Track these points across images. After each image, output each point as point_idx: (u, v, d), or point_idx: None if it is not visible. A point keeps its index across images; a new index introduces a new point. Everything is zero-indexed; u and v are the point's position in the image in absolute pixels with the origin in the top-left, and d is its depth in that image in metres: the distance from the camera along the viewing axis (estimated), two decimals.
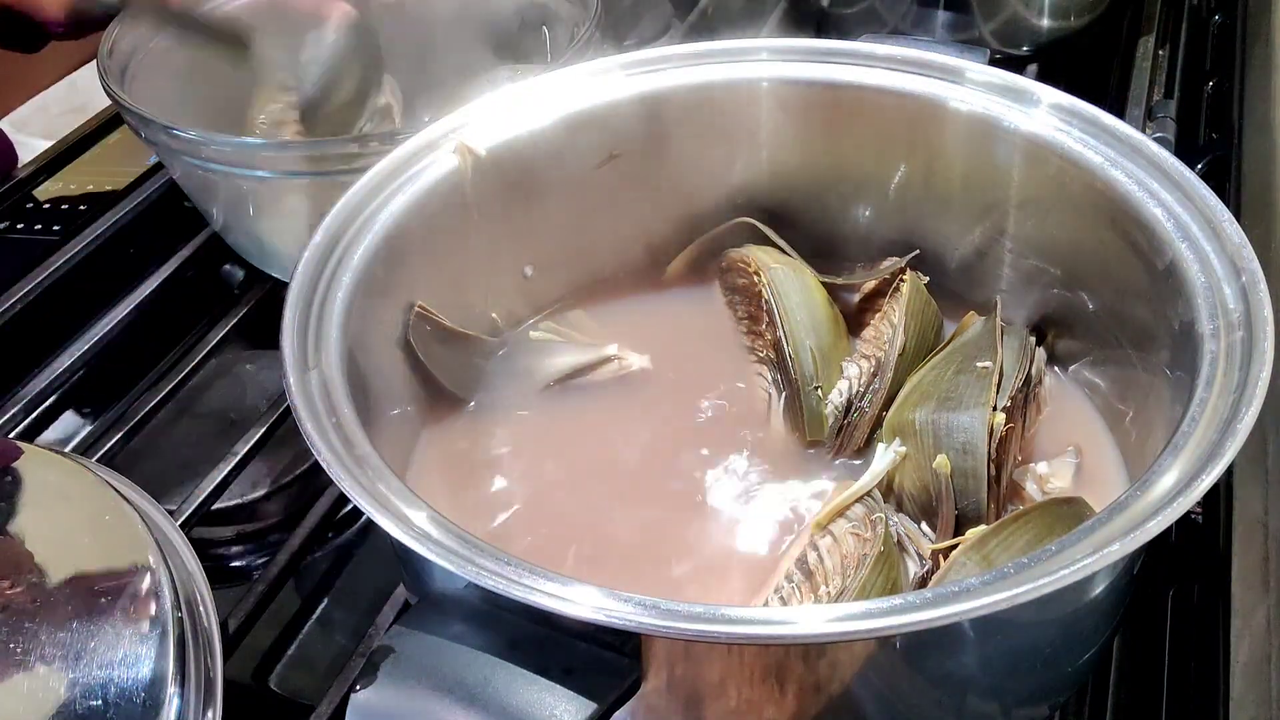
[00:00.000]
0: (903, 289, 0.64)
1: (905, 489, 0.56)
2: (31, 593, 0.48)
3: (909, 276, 0.65)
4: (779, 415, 0.62)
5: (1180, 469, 0.43)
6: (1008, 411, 0.56)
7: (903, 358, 0.61)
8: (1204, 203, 0.53)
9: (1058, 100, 0.60)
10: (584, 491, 0.60)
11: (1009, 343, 0.61)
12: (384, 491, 0.45)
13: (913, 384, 0.59)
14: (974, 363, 0.59)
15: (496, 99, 0.64)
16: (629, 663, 0.42)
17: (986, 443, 0.54)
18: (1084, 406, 0.62)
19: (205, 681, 0.47)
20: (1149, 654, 0.59)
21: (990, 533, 0.50)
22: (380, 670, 0.42)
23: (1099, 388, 0.62)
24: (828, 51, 0.65)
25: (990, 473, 0.54)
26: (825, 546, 0.52)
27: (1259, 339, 0.47)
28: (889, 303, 0.65)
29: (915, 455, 0.56)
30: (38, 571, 0.49)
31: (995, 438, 0.54)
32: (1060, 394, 0.63)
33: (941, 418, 0.56)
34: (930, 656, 0.45)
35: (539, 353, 0.66)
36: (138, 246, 0.86)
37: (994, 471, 0.54)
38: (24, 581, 0.49)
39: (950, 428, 0.55)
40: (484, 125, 0.63)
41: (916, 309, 0.63)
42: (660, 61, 0.66)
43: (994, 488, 0.54)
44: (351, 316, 0.54)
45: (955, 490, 0.54)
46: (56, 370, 0.75)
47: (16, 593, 0.48)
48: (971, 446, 0.54)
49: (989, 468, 0.54)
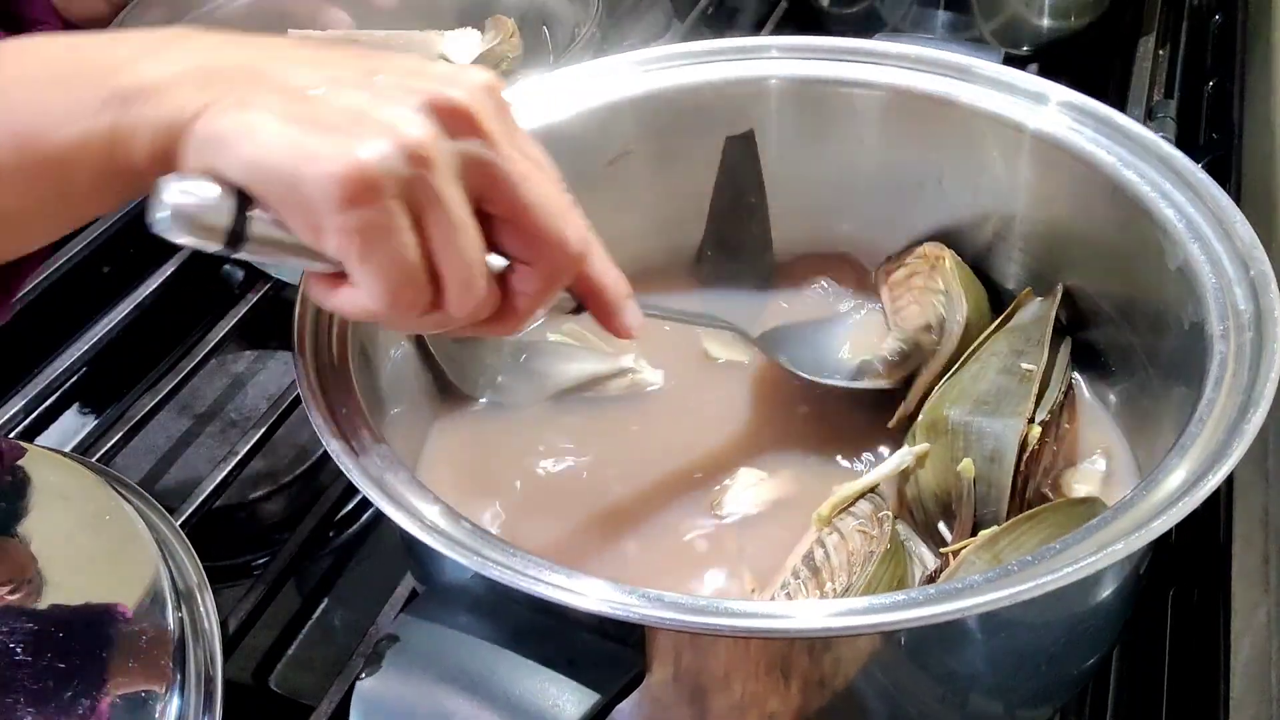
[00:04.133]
0: (945, 262, 0.64)
1: (929, 486, 0.55)
2: (31, 593, 0.48)
3: (947, 253, 0.65)
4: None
5: (1187, 469, 0.43)
6: (1044, 425, 0.55)
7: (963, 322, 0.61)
8: (1216, 203, 0.53)
9: (1069, 99, 0.60)
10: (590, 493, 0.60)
11: (1057, 343, 0.60)
12: (392, 482, 0.45)
13: (954, 377, 0.59)
14: (1019, 361, 0.58)
15: (512, 93, 0.64)
16: (633, 655, 0.42)
17: (1015, 454, 0.53)
18: (1096, 407, 0.62)
19: (205, 681, 0.47)
20: (1149, 653, 0.59)
21: (1002, 532, 0.50)
22: (385, 659, 0.42)
23: (1110, 388, 0.62)
24: (837, 49, 0.65)
25: (1015, 485, 0.53)
26: (832, 543, 0.52)
27: (1269, 340, 0.47)
28: (926, 279, 0.65)
29: (944, 453, 0.55)
30: (38, 572, 0.49)
31: (1027, 451, 0.54)
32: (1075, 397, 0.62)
33: (975, 421, 0.55)
34: (934, 653, 0.45)
35: (555, 356, 0.65)
36: (138, 247, 0.86)
37: (1019, 484, 0.53)
38: (24, 581, 0.49)
39: (982, 433, 0.54)
40: None
41: (966, 279, 0.63)
42: (671, 59, 0.66)
43: (1015, 500, 0.53)
44: None
45: (976, 496, 0.53)
46: (56, 370, 0.75)
47: (16, 593, 0.48)
48: (1000, 455, 0.54)
49: (1014, 480, 0.53)
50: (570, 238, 0.43)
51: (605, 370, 0.65)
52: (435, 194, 0.39)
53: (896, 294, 0.67)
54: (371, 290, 0.40)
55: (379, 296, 0.40)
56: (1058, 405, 0.57)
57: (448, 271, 0.41)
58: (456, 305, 0.42)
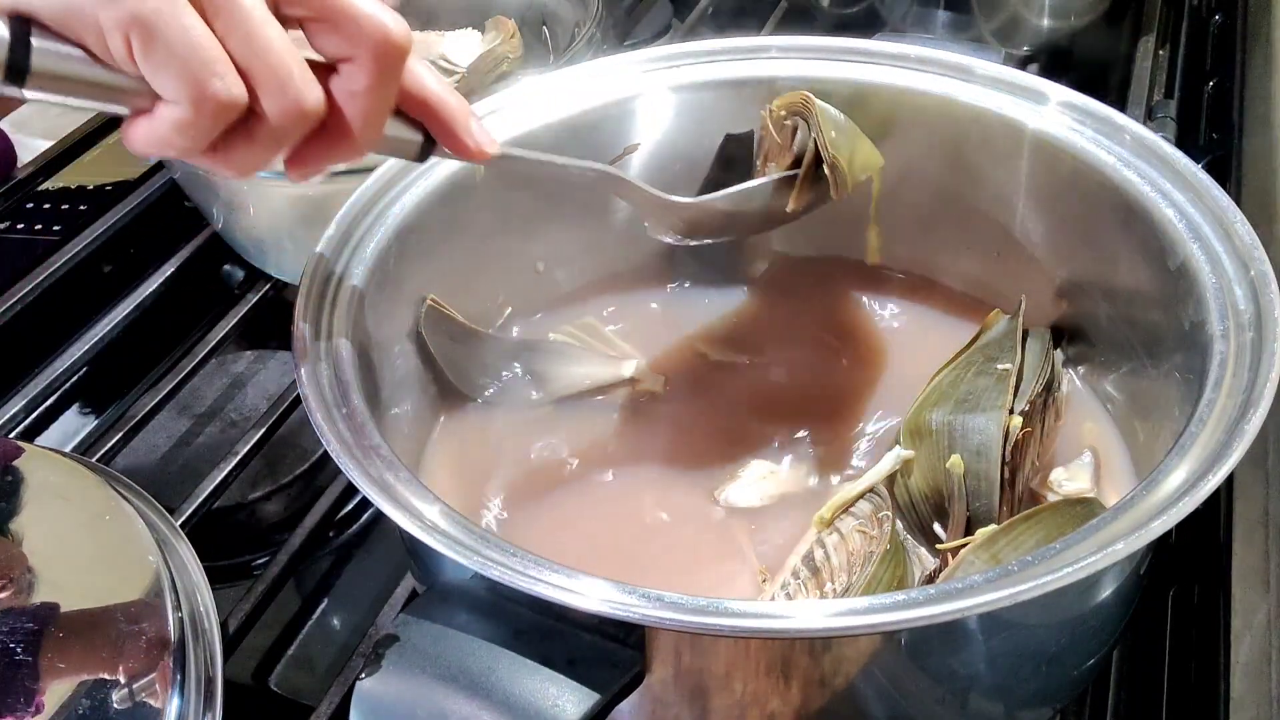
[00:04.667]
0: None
1: (919, 489, 0.56)
2: (31, 593, 0.48)
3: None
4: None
5: (1187, 469, 0.43)
6: (1025, 416, 0.55)
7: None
8: (1216, 203, 0.53)
9: (1069, 99, 0.60)
10: (590, 493, 0.60)
11: (1031, 345, 0.60)
12: (392, 482, 0.45)
13: (933, 385, 0.59)
14: (994, 364, 0.58)
15: (512, 93, 0.64)
16: (633, 655, 0.42)
17: (1001, 445, 0.54)
18: (1095, 408, 0.62)
19: (205, 681, 0.47)
20: (1149, 653, 0.59)
21: (1000, 531, 0.50)
22: (385, 658, 0.42)
23: (1109, 389, 0.62)
24: (839, 49, 0.66)
25: (1004, 475, 0.53)
26: (832, 544, 0.52)
27: (1268, 340, 0.47)
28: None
29: (930, 456, 0.56)
30: (38, 572, 0.49)
31: (1010, 441, 0.54)
32: (1072, 397, 0.63)
33: (958, 419, 0.55)
34: (935, 653, 0.45)
35: (556, 358, 0.65)
36: (138, 246, 0.87)
37: (1008, 475, 0.54)
38: (24, 582, 0.49)
39: (966, 429, 0.55)
40: (498, 119, 0.63)
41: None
42: (672, 59, 0.66)
43: (1007, 491, 0.54)
44: (363, 309, 0.54)
45: (968, 491, 0.54)
46: (56, 370, 0.75)
47: (17, 593, 0.48)
48: (985, 449, 0.54)
49: (1002, 470, 0.53)
50: (389, 21, 0.40)
51: (606, 372, 0.65)
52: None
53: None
54: (171, 90, 0.36)
55: (180, 94, 0.36)
56: (1038, 397, 0.57)
57: (256, 65, 0.37)
58: (276, 108, 0.38)
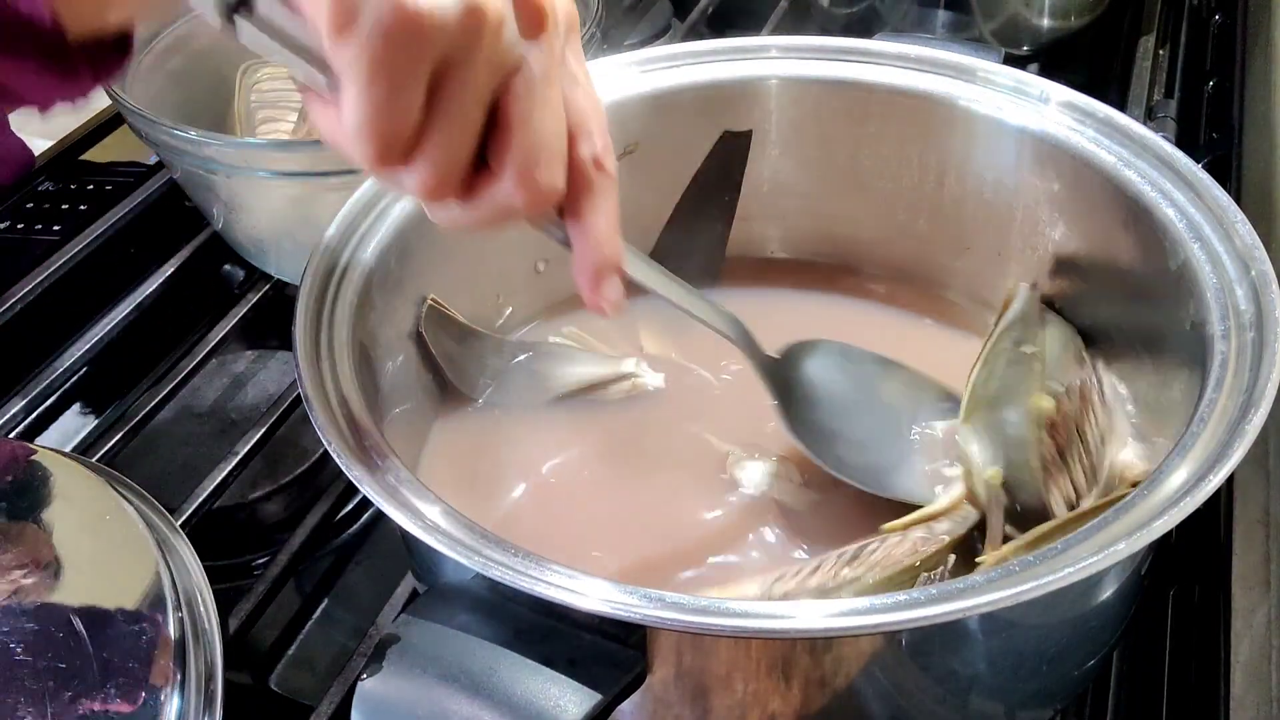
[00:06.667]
0: None
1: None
2: (32, 593, 0.48)
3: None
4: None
5: (1187, 469, 0.43)
6: (1058, 396, 0.55)
7: None
8: (1216, 203, 0.53)
9: (1069, 99, 0.60)
10: (591, 493, 0.60)
11: (1052, 328, 0.60)
12: (393, 482, 0.45)
13: (969, 391, 0.59)
14: (1020, 348, 0.59)
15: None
16: (634, 655, 0.42)
17: (1035, 431, 0.54)
18: None
19: (205, 681, 0.47)
20: (1149, 653, 0.59)
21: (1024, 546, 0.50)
22: (386, 658, 0.42)
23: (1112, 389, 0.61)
24: (838, 49, 0.66)
25: (1047, 456, 0.53)
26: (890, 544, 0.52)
27: (1269, 340, 0.47)
28: None
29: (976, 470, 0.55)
30: (38, 572, 0.49)
31: (1043, 422, 0.54)
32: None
33: (994, 417, 0.56)
34: (935, 654, 0.45)
35: (556, 359, 0.65)
36: (138, 246, 0.86)
37: (1050, 455, 0.54)
38: (24, 581, 0.49)
39: (1003, 425, 0.55)
40: None
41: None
42: (671, 59, 0.66)
43: (1052, 474, 0.54)
44: (364, 309, 0.54)
45: (1011, 489, 0.54)
46: (57, 370, 0.75)
47: (17, 593, 0.48)
48: (1021, 439, 0.54)
49: (1042, 452, 0.53)
50: (540, 179, 0.42)
51: (606, 373, 0.65)
52: (465, 75, 0.38)
53: None
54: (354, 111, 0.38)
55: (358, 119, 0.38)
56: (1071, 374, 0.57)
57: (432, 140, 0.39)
58: (424, 168, 0.40)
